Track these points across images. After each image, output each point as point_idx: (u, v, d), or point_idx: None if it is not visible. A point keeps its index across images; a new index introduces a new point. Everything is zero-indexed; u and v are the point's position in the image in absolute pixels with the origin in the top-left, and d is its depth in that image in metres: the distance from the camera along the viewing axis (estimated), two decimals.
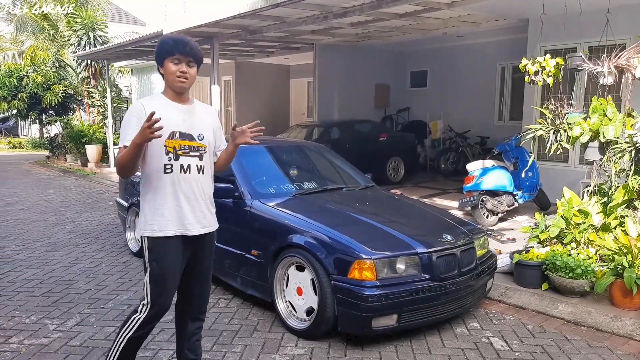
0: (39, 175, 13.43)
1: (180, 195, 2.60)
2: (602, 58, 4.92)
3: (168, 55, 2.56)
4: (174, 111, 2.60)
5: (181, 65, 2.56)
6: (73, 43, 14.75)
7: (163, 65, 2.59)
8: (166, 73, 2.59)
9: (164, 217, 2.59)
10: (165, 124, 2.44)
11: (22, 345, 3.55)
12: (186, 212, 2.62)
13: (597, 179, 5.23)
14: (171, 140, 2.56)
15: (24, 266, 5.36)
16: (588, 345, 3.66)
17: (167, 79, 2.60)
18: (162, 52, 2.58)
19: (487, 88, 11.31)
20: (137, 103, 2.61)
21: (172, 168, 2.58)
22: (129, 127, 2.54)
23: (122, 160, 2.48)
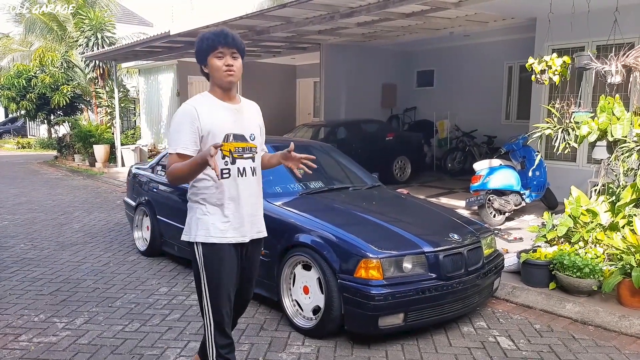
0: (47, 175, 13.54)
1: (240, 201, 2.49)
2: (610, 57, 4.89)
3: (211, 50, 2.41)
4: (225, 112, 2.46)
5: (226, 58, 2.41)
6: (81, 44, 14.85)
7: (207, 63, 2.44)
8: (212, 70, 2.43)
9: (220, 224, 2.46)
10: (219, 127, 2.38)
11: (31, 344, 3.59)
12: (244, 218, 2.51)
13: (604, 178, 5.20)
14: (226, 143, 2.42)
15: (33, 265, 5.41)
16: (595, 344, 3.64)
17: (214, 76, 2.44)
18: (203, 49, 2.42)
19: (494, 87, 11.27)
20: (189, 107, 2.43)
21: (230, 172, 2.46)
22: (182, 132, 2.39)
23: (180, 173, 2.36)
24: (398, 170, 10.28)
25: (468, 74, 11.70)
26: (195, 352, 3.46)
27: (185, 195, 5.28)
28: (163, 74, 16.51)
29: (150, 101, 17.52)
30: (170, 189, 5.45)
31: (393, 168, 10.16)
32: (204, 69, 2.48)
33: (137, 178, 6.16)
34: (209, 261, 2.48)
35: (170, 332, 3.78)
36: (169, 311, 4.17)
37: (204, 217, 2.49)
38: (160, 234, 5.51)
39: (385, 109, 12.78)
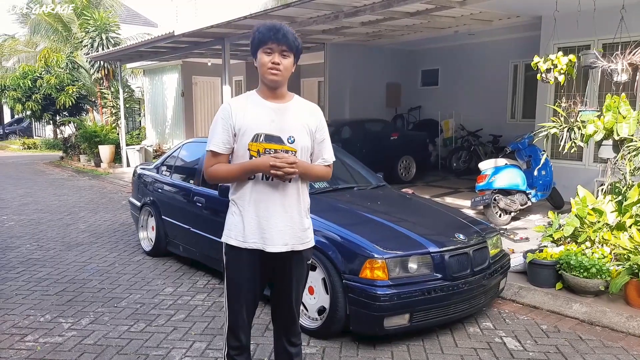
0: (53, 175, 13.59)
1: (268, 207, 2.34)
2: (616, 55, 4.85)
3: (261, 44, 2.29)
4: (262, 111, 2.33)
5: (273, 55, 2.28)
6: (86, 45, 14.89)
7: (256, 57, 2.33)
8: (258, 65, 2.33)
9: (242, 227, 2.36)
10: (251, 126, 2.30)
11: (37, 344, 3.60)
12: (271, 226, 2.34)
13: (611, 177, 5.17)
14: (254, 143, 2.30)
15: (39, 265, 5.43)
16: (603, 345, 3.61)
17: (259, 71, 2.33)
18: (254, 42, 2.31)
19: (500, 86, 11.22)
20: (225, 104, 2.39)
21: (255, 175, 2.33)
22: (215, 130, 2.36)
23: (224, 176, 2.35)
24: (403, 170, 10.25)
25: (473, 73, 11.66)
26: (200, 352, 3.46)
27: (190, 195, 5.30)
28: (168, 75, 16.54)
29: (155, 101, 17.56)
30: (175, 189, 5.46)
31: (398, 168, 10.13)
32: (255, 63, 2.37)
33: (142, 178, 6.18)
34: (229, 262, 2.44)
35: (176, 332, 3.78)
36: (175, 311, 4.17)
37: (231, 217, 2.43)
38: (165, 234, 5.52)
39: (389, 108, 12.76)
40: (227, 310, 2.48)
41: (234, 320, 2.47)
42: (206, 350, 3.51)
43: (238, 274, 2.42)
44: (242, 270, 2.41)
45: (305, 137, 2.38)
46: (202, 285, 4.80)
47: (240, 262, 2.40)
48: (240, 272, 2.41)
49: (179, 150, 5.80)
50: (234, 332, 2.49)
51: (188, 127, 15.85)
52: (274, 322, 2.62)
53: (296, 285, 2.49)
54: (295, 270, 2.46)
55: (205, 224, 4.88)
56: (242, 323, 2.48)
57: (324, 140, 2.47)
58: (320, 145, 2.46)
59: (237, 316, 2.46)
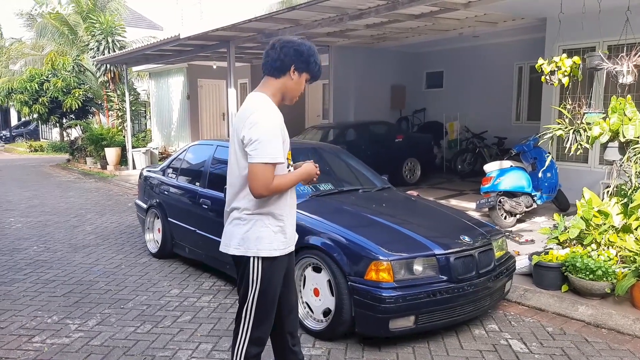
0: (60, 177, 13.68)
1: (293, 210, 2.52)
2: (622, 57, 4.84)
3: (311, 73, 2.43)
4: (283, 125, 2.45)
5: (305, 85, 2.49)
6: (92, 48, 14.99)
7: (300, 75, 2.41)
8: (296, 84, 2.43)
9: (284, 235, 2.44)
10: (287, 136, 2.42)
11: (44, 345, 3.63)
12: (292, 229, 2.53)
13: (617, 179, 5.15)
14: (289, 151, 2.50)
15: (46, 267, 5.47)
16: (609, 347, 3.60)
17: (290, 89, 2.44)
18: (308, 64, 2.40)
19: (504, 88, 11.20)
20: (274, 114, 2.36)
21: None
22: (271, 142, 2.29)
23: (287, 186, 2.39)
24: (408, 172, 10.25)
25: (478, 75, 11.65)
26: (206, 354, 3.48)
27: (196, 198, 5.32)
28: (173, 77, 16.62)
29: (160, 104, 17.64)
30: (181, 191, 5.49)
31: (403, 170, 10.13)
32: (292, 74, 2.40)
33: (148, 180, 6.21)
34: (266, 275, 2.43)
35: (182, 333, 3.80)
36: (181, 313, 4.19)
37: (266, 230, 2.41)
38: (171, 236, 5.55)
39: (394, 110, 12.76)
40: (252, 323, 2.46)
41: (263, 332, 2.51)
42: (212, 351, 3.52)
43: (275, 284, 2.47)
44: (278, 278, 2.48)
45: None
46: (208, 287, 4.83)
47: (277, 272, 2.47)
48: (277, 281, 2.48)
49: (185, 152, 5.84)
50: (259, 342, 2.51)
51: (193, 130, 15.91)
52: (279, 322, 2.62)
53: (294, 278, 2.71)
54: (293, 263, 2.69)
55: (212, 226, 4.90)
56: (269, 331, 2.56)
57: None
58: None
59: (266, 327, 2.52)
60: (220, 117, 16.40)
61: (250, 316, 2.46)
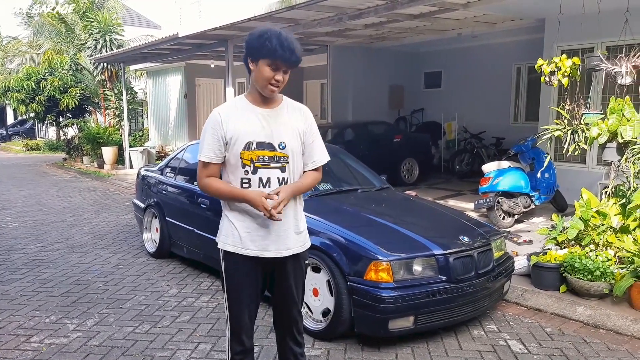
0: (56, 177, 13.63)
1: (257, 215, 2.34)
2: (620, 58, 4.86)
3: (268, 56, 2.22)
4: (253, 117, 2.33)
5: (278, 72, 2.26)
6: (90, 46, 14.94)
7: (257, 63, 2.26)
8: (258, 74, 2.27)
9: (239, 235, 2.37)
10: (242, 134, 2.29)
11: (42, 345, 3.61)
12: (268, 232, 2.36)
13: (615, 180, 5.16)
14: (246, 151, 2.30)
15: (43, 267, 5.44)
16: (607, 348, 3.61)
17: (257, 80, 2.30)
18: (260, 49, 2.22)
19: (503, 88, 11.22)
20: (215, 113, 2.35)
21: (250, 183, 2.33)
22: (205, 140, 2.34)
23: (217, 194, 2.37)
24: (406, 172, 10.25)
25: (476, 75, 11.66)
26: (205, 354, 3.47)
27: (194, 197, 5.31)
28: (171, 76, 16.59)
29: (158, 103, 17.60)
30: (179, 190, 5.48)
31: (401, 170, 10.13)
32: (250, 64, 2.31)
33: (146, 180, 6.19)
34: (227, 269, 2.45)
35: (180, 333, 3.79)
36: (179, 313, 4.18)
37: (228, 224, 2.42)
38: (169, 235, 5.53)
39: (392, 110, 12.76)
40: (229, 317, 2.50)
41: (235, 327, 2.50)
42: (211, 351, 3.51)
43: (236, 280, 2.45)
44: (240, 277, 2.43)
45: (296, 142, 2.39)
46: (206, 287, 4.81)
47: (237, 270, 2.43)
48: (239, 279, 2.44)
49: (183, 152, 5.82)
50: (237, 337, 2.50)
51: (191, 129, 15.89)
52: (278, 325, 2.64)
53: (296, 286, 2.52)
54: (296, 273, 2.49)
55: (210, 225, 4.87)
56: (246, 328, 2.51)
57: (313, 141, 2.47)
58: (311, 147, 2.46)
59: (239, 323, 2.49)
60: None
61: (226, 311, 2.51)
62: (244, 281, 2.42)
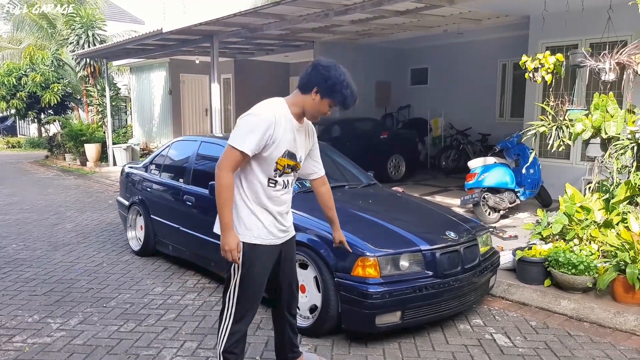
0: (38, 174, 13.42)
1: (280, 208, 2.67)
2: (604, 54, 4.91)
3: (335, 98, 2.52)
4: (291, 129, 2.58)
5: (331, 110, 2.60)
6: (72, 42, 14.70)
7: (322, 97, 2.53)
8: (315, 104, 2.55)
9: (264, 226, 2.62)
10: (283, 143, 2.53)
11: (25, 344, 3.55)
12: (278, 224, 2.68)
13: (598, 175, 5.23)
14: (283, 158, 2.58)
15: (25, 265, 5.35)
16: (591, 340, 3.66)
17: (310, 110, 2.58)
18: (333, 92, 2.51)
19: (488, 85, 11.30)
20: (271, 115, 2.49)
21: (276, 184, 2.63)
22: (254, 135, 2.46)
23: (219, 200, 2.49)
24: (392, 169, 10.27)
25: (462, 72, 11.73)
26: (191, 352, 3.44)
27: (179, 194, 5.27)
28: (155, 72, 16.39)
29: (142, 99, 17.40)
30: (164, 188, 5.41)
31: (388, 166, 10.15)
32: (313, 93, 2.53)
33: (130, 177, 6.12)
34: (249, 258, 2.61)
35: (166, 332, 3.75)
36: (164, 311, 4.14)
37: (250, 217, 2.60)
38: (154, 233, 5.47)
39: (379, 107, 12.78)
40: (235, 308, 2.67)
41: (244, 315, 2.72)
42: (197, 349, 3.48)
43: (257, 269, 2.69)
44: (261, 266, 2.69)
45: (305, 155, 2.79)
46: (192, 285, 4.77)
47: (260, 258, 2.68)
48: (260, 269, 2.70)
49: (168, 149, 5.76)
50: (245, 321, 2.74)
51: (176, 126, 15.72)
52: (279, 301, 2.92)
53: (294, 262, 2.95)
54: (293, 249, 2.91)
55: (196, 223, 4.84)
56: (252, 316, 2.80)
57: (316, 155, 2.88)
58: (315, 160, 2.88)
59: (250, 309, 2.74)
60: (204, 113, 16.24)
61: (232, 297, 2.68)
62: (265, 270, 2.69)
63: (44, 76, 17.56)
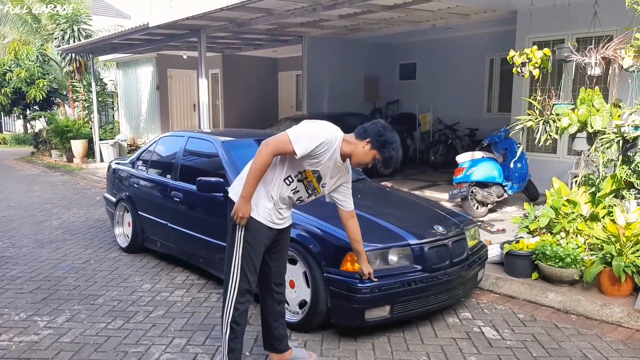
0: (24, 171, 13.24)
1: (279, 203, 2.90)
2: (590, 49, 4.95)
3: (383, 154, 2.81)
4: (334, 161, 2.82)
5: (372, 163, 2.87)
6: (57, 37, 14.49)
7: (372, 149, 2.80)
8: (364, 153, 2.81)
9: (271, 214, 2.89)
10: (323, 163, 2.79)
11: (12, 343, 3.50)
12: (279, 214, 2.93)
13: (585, 169, 5.28)
14: (311, 172, 2.83)
15: (12, 263, 5.28)
16: (578, 332, 3.70)
17: (357, 152, 2.82)
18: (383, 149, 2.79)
19: (476, 80, 11.34)
20: (333, 137, 2.77)
21: (290, 184, 2.87)
22: (312, 141, 2.71)
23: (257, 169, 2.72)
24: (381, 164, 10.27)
25: (450, 67, 11.76)
26: (180, 348, 3.42)
27: (167, 190, 5.25)
28: (142, 67, 16.24)
29: (129, 95, 17.23)
30: (152, 184, 5.37)
31: None
32: (364, 143, 2.80)
33: (117, 173, 6.06)
34: (253, 230, 2.84)
35: (155, 329, 3.73)
36: (153, 308, 4.11)
37: (266, 204, 2.86)
38: (142, 230, 5.43)
39: (368, 102, 12.78)
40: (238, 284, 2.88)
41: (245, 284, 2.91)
42: (186, 346, 3.47)
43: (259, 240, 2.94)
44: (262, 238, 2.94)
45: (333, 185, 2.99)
46: (181, 281, 4.75)
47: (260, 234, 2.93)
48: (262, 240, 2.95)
49: (155, 144, 5.71)
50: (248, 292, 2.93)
51: (163, 121, 15.60)
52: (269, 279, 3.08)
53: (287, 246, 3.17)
54: (288, 235, 3.14)
55: (184, 219, 4.81)
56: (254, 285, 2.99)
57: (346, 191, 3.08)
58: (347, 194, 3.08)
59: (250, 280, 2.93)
60: (191, 108, 16.12)
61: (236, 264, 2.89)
62: (263, 242, 2.92)
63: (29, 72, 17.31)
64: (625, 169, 4.68)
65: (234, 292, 2.88)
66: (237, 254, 2.86)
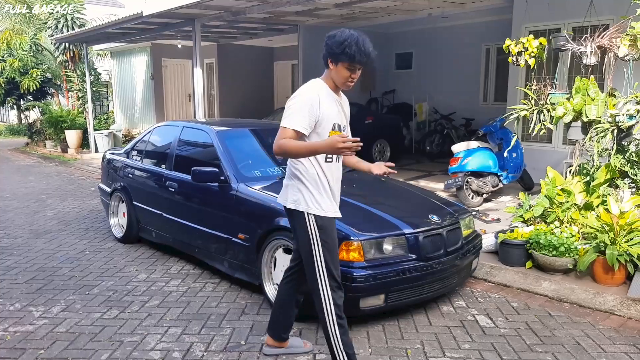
0: (18, 162, 13.18)
1: (337, 182, 2.86)
2: (585, 38, 4.94)
3: (347, 61, 2.62)
4: (333, 103, 2.74)
5: (354, 72, 2.68)
6: (50, 26, 14.34)
7: (337, 65, 2.66)
8: (336, 74, 2.69)
9: (329, 201, 2.79)
10: (330, 116, 2.69)
11: (7, 333, 3.51)
12: (337, 197, 2.86)
13: (579, 158, 5.29)
14: (333, 131, 2.72)
15: (6, 254, 5.27)
16: (571, 321, 3.73)
17: (336, 78, 2.71)
18: (341, 54, 2.61)
19: (472, 69, 11.32)
20: (314, 93, 2.67)
21: (332, 158, 2.78)
22: (302, 113, 2.62)
23: (294, 151, 2.59)
24: (377, 154, 10.29)
25: (446, 56, 11.72)
26: (175, 337, 3.43)
27: (162, 180, 5.22)
28: (136, 57, 16.11)
29: (123, 85, 17.11)
30: (147, 174, 5.35)
31: (372, 151, 10.16)
32: (330, 64, 2.69)
33: (112, 164, 6.03)
34: (323, 226, 2.75)
35: (150, 318, 3.74)
36: (148, 298, 4.11)
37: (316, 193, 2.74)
38: (137, 220, 5.42)
39: (364, 92, 12.74)
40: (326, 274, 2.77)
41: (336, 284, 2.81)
42: (182, 335, 3.48)
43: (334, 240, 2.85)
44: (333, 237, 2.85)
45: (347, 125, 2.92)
46: (176, 271, 4.75)
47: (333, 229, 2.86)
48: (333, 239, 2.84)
49: (150, 134, 5.68)
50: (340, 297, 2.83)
51: (158, 111, 15.52)
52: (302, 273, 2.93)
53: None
54: None
55: (179, 209, 4.81)
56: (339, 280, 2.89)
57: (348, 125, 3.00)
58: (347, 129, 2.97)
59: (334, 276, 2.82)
60: (186, 98, 16.04)
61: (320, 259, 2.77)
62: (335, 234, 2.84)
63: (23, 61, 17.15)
64: (620, 158, 4.69)
65: (327, 293, 2.77)
66: (318, 255, 2.75)
